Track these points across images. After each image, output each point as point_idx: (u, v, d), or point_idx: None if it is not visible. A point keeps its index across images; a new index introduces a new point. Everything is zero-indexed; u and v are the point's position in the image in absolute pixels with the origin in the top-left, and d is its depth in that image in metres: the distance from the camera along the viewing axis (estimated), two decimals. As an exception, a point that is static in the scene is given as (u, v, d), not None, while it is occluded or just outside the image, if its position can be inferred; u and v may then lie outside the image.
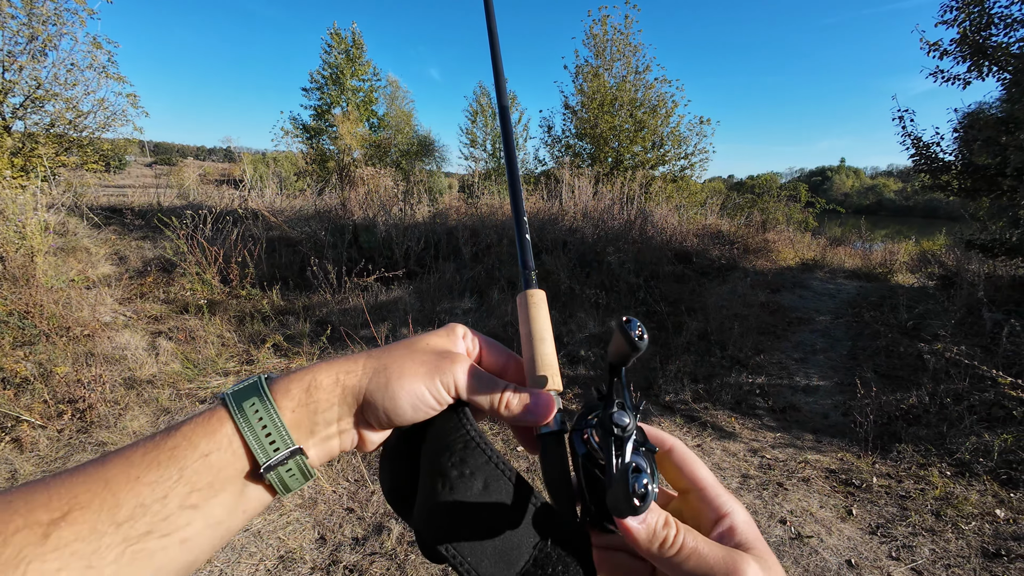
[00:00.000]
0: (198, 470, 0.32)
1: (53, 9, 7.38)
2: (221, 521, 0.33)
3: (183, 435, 0.33)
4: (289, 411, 0.35)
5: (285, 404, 0.36)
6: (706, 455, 3.00)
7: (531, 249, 0.47)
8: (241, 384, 0.37)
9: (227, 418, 0.34)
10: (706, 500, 0.36)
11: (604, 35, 12.55)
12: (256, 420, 0.34)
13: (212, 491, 0.32)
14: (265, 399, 0.35)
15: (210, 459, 0.32)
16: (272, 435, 0.34)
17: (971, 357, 3.61)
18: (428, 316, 4.84)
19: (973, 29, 5.01)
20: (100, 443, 2.64)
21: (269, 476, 0.34)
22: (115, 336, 3.77)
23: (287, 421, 0.35)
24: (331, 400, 0.37)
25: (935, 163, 5.64)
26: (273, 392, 0.36)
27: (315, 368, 0.38)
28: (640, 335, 0.32)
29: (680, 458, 0.38)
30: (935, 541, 2.31)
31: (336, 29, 15.79)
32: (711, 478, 0.37)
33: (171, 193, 10.01)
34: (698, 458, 0.38)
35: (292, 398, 0.36)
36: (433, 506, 0.35)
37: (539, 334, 0.42)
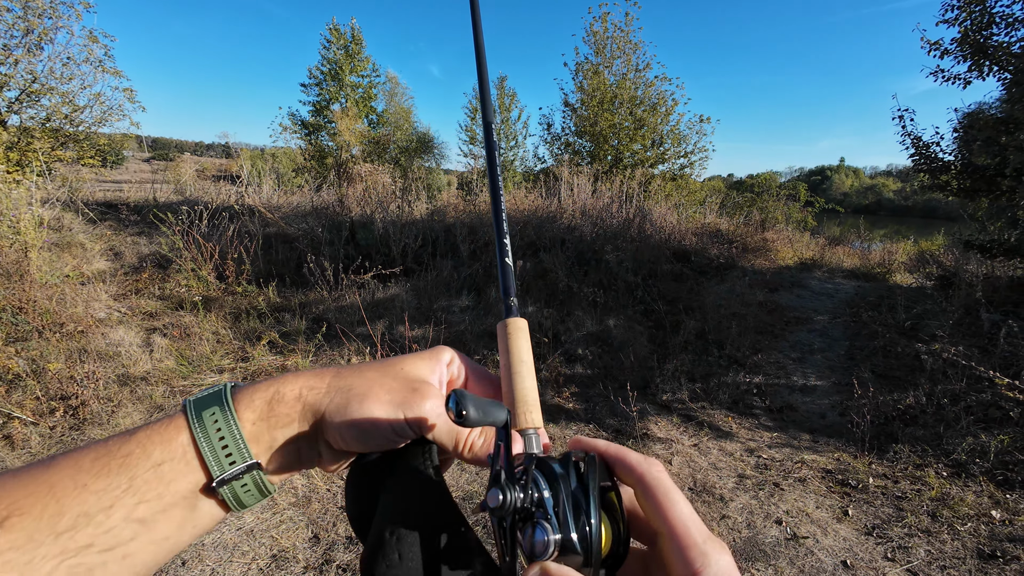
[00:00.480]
0: (148, 480, 0.30)
1: (49, 2, 7.31)
2: (168, 536, 0.31)
3: (137, 442, 0.31)
4: (250, 423, 0.34)
5: (246, 416, 0.34)
6: (703, 455, 2.99)
7: (513, 275, 0.45)
8: (205, 392, 0.35)
9: (184, 427, 0.32)
10: (676, 550, 0.29)
11: (604, 32, 12.49)
12: (214, 431, 0.32)
13: (161, 504, 0.30)
14: (226, 409, 0.33)
15: (162, 469, 0.30)
16: (229, 447, 0.32)
17: (968, 358, 3.60)
18: (425, 314, 4.82)
19: (974, 28, 4.98)
20: (92, 440, 2.61)
21: (223, 491, 0.32)
22: (109, 332, 3.75)
23: (247, 434, 0.33)
24: (292, 416, 0.35)
25: (934, 163, 5.62)
26: (236, 402, 0.34)
27: (281, 380, 0.37)
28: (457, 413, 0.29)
29: (649, 491, 0.31)
30: (931, 542, 2.30)
31: (335, 25, 15.70)
32: (685, 520, 0.30)
33: (167, 189, 9.96)
34: (673, 490, 0.31)
35: (254, 410, 0.34)
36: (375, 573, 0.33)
37: (516, 367, 0.40)
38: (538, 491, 0.31)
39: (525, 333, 0.42)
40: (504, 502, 0.30)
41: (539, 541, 0.29)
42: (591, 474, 0.32)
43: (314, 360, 3.74)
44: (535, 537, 0.29)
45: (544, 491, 0.31)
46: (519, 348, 0.41)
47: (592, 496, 0.31)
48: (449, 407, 0.30)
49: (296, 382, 0.36)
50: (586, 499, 0.31)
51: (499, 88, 17.62)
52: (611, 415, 3.38)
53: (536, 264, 5.86)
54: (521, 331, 0.42)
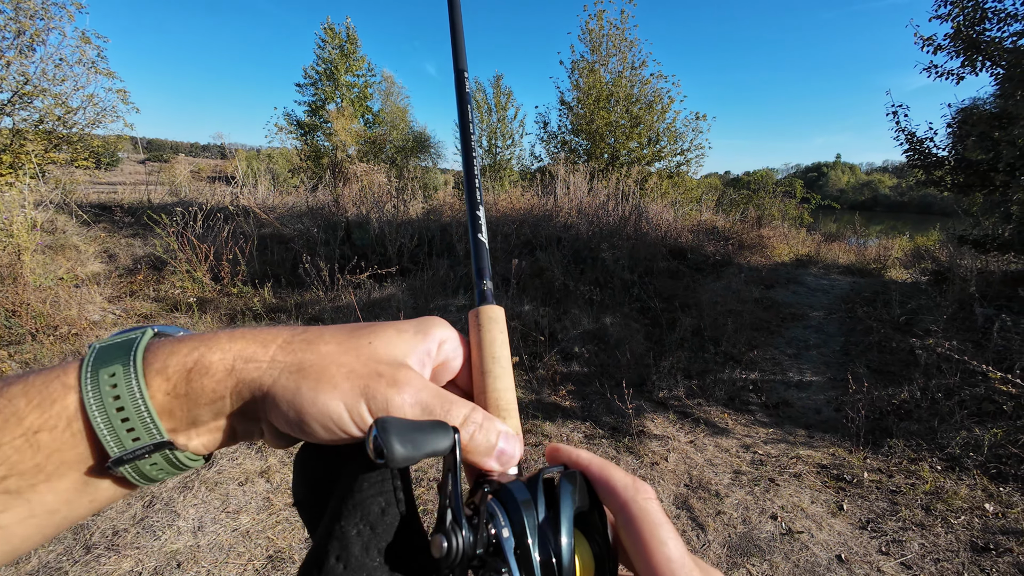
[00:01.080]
0: (20, 448, 0.24)
1: (40, 3, 7.26)
2: (55, 510, 0.25)
3: (8, 397, 0.24)
4: (161, 394, 0.26)
5: (157, 384, 0.26)
6: (699, 451, 3.00)
7: (488, 255, 0.38)
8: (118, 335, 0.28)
9: (74, 387, 0.25)
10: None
11: (600, 30, 12.48)
12: (111, 399, 0.25)
13: (40, 476, 0.24)
14: (131, 371, 0.26)
15: (39, 438, 0.24)
16: (131, 420, 0.25)
17: (962, 352, 3.62)
18: (421, 313, 4.81)
19: (967, 24, 5.00)
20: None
21: (123, 469, 0.26)
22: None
23: (157, 406, 0.26)
24: (219, 392, 0.27)
25: (928, 158, 5.65)
26: (147, 362, 0.26)
27: (208, 341, 0.28)
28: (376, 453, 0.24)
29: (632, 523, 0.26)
30: (924, 535, 2.32)
31: (330, 24, 15.64)
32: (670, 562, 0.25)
33: (162, 190, 9.92)
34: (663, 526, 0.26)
35: (168, 378, 0.27)
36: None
37: (488, 365, 0.34)
38: (496, 528, 0.26)
39: (500, 323, 0.36)
40: (449, 551, 0.24)
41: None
42: (565, 495, 0.26)
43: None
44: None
45: (503, 528, 0.26)
46: (492, 341, 0.34)
47: (564, 526, 0.25)
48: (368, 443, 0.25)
49: (229, 348, 0.28)
50: (556, 531, 0.25)
51: (495, 87, 17.58)
52: (608, 413, 3.39)
53: (532, 262, 5.86)
54: (495, 321, 0.35)
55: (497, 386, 0.33)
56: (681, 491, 2.60)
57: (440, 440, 0.26)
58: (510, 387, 0.34)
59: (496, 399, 0.33)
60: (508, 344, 0.36)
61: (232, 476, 2.42)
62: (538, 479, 0.28)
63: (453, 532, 0.25)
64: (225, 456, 2.54)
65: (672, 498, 2.55)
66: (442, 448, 0.26)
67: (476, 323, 0.36)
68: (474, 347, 0.35)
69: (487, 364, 0.34)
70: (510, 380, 0.34)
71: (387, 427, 0.25)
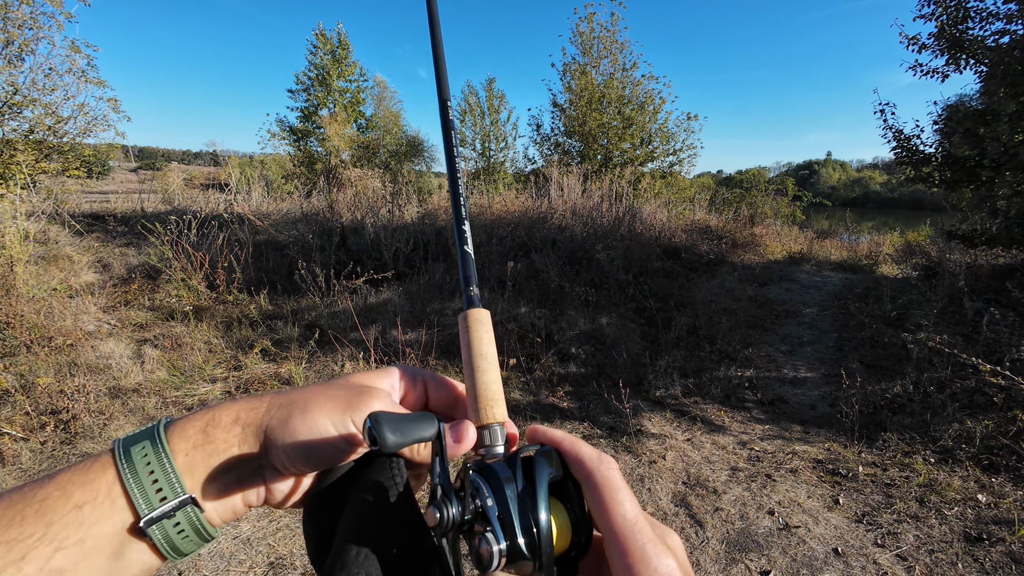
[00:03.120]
0: (68, 524, 0.27)
1: (29, 13, 7.22)
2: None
3: (57, 484, 0.28)
4: (183, 454, 0.31)
5: (179, 447, 0.31)
6: (696, 449, 3.03)
7: (473, 264, 0.43)
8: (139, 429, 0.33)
9: (111, 464, 0.29)
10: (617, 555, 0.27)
11: (591, 32, 12.57)
12: (143, 465, 0.29)
13: (82, 552, 0.27)
14: (157, 442, 0.30)
15: (83, 511, 0.27)
16: (160, 481, 0.29)
17: (953, 346, 3.67)
18: (418, 317, 4.82)
19: (950, 23, 5.09)
20: (85, 454, 2.59)
21: (152, 532, 0.29)
22: (99, 345, 3.72)
23: (180, 465, 0.30)
24: (229, 441, 0.32)
25: (916, 155, 5.73)
26: (169, 434, 0.31)
27: (216, 406, 0.34)
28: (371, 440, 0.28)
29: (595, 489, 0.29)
30: (919, 527, 2.35)
31: (321, 30, 15.66)
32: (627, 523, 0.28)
33: (155, 198, 9.87)
34: (621, 490, 0.29)
35: (187, 439, 0.31)
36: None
37: (477, 361, 0.38)
38: (480, 499, 0.29)
39: (487, 324, 0.40)
40: (442, 519, 0.28)
41: (484, 551, 0.28)
42: (540, 468, 0.30)
43: (308, 366, 3.74)
44: (480, 547, 0.28)
45: (487, 499, 0.29)
46: (480, 340, 0.39)
47: (540, 495, 0.29)
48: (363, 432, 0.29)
49: (233, 406, 0.33)
50: (533, 498, 0.29)
51: (488, 90, 17.65)
52: (605, 412, 3.41)
53: (528, 265, 5.88)
54: (481, 323, 0.40)
55: (486, 379, 0.38)
56: (679, 489, 2.62)
57: (426, 428, 0.31)
58: (497, 380, 0.38)
59: (484, 391, 0.37)
60: (494, 342, 0.40)
61: (232, 484, 2.42)
62: (516, 457, 0.32)
63: (444, 504, 0.29)
64: (224, 464, 2.55)
65: (670, 496, 2.57)
66: (428, 435, 0.31)
67: (465, 325, 0.40)
68: (463, 345, 0.40)
69: (476, 360, 0.38)
70: (497, 374, 0.38)
71: (379, 419, 0.29)
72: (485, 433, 0.36)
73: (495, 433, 0.36)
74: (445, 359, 4.05)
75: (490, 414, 0.36)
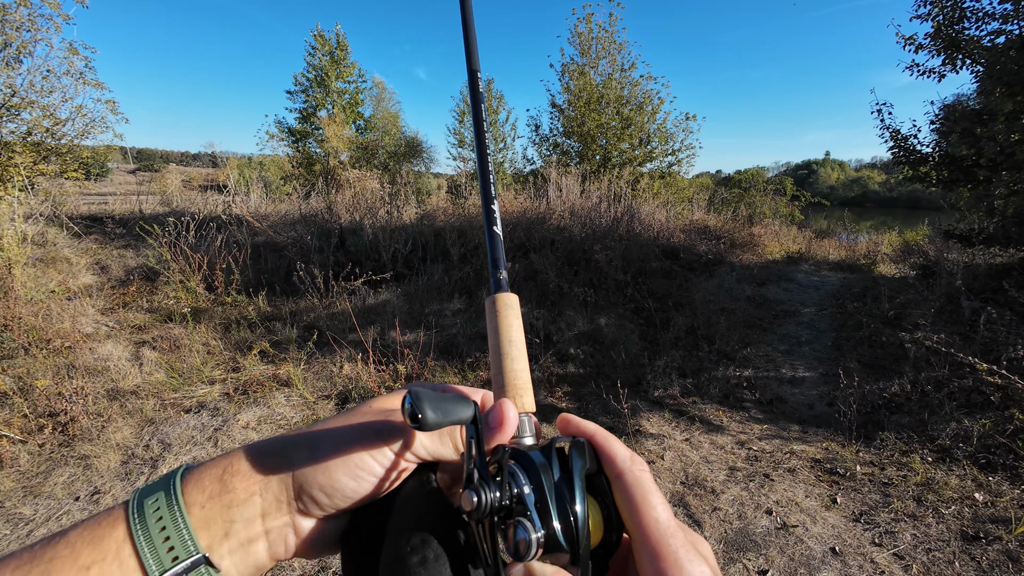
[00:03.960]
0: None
1: (27, 15, 7.21)
2: None
3: (67, 542, 0.27)
4: (199, 507, 0.29)
5: (195, 499, 0.29)
6: (694, 449, 3.03)
7: (502, 246, 0.41)
8: (158, 478, 0.31)
9: (122, 519, 0.28)
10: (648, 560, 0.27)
11: (589, 33, 12.58)
12: (155, 521, 0.27)
13: None
14: (171, 493, 0.28)
15: (90, 574, 0.26)
16: (171, 539, 0.27)
17: (950, 345, 3.68)
18: (417, 318, 4.83)
19: (946, 23, 5.10)
20: (83, 456, 2.60)
21: None
22: (97, 347, 3.72)
23: (195, 520, 0.28)
24: (251, 489, 0.29)
25: (913, 155, 5.75)
26: (184, 485, 0.29)
27: (235, 451, 0.31)
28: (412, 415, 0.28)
29: (626, 491, 0.29)
30: (916, 526, 2.36)
31: (320, 31, 15.65)
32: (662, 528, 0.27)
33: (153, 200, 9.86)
34: (654, 493, 0.29)
35: (203, 490, 0.29)
36: None
37: (506, 348, 0.37)
38: (517, 487, 0.29)
39: (516, 310, 0.39)
40: (479, 503, 0.28)
41: (521, 540, 0.27)
42: (576, 461, 0.30)
43: (306, 367, 3.74)
44: (516, 536, 0.27)
45: (524, 486, 0.29)
46: (509, 326, 0.38)
47: (577, 486, 0.29)
48: (404, 409, 0.28)
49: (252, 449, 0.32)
50: (571, 490, 0.29)
51: (487, 91, 17.66)
52: (604, 413, 3.41)
53: (527, 265, 5.89)
54: (511, 308, 0.38)
55: (514, 367, 0.36)
56: (678, 488, 2.63)
57: (463, 410, 0.30)
58: (525, 368, 0.37)
59: (513, 379, 0.36)
60: (523, 328, 0.39)
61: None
62: (551, 447, 0.31)
63: (481, 488, 0.28)
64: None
65: (668, 496, 2.57)
66: (466, 417, 0.30)
67: (493, 309, 0.39)
68: (491, 332, 0.38)
69: (504, 347, 0.37)
70: (525, 361, 0.37)
71: (420, 395, 0.28)
72: None
73: (523, 425, 0.34)
74: (444, 360, 4.05)
75: (519, 403, 0.35)
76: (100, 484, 2.41)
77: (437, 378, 3.68)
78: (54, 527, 2.12)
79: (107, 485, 2.40)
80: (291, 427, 2.96)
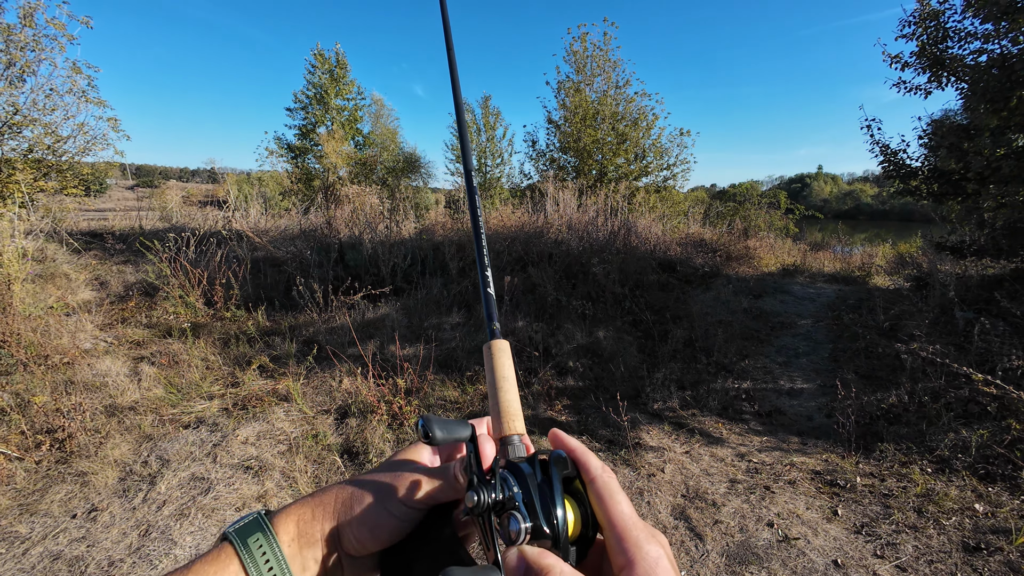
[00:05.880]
0: None
1: (32, 35, 7.34)
2: None
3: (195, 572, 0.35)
4: (286, 545, 0.38)
5: (284, 538, 0.39)
6: (695, 461, 3.03)
7: (495, 303, 0.52)
8: (242, 520, 0.40)
9: (233, 555, 0.36)
10: (615, 541, 0.34)
11: (584, 52, 12.85)
12: (260, 555, 0.37)
13: None
14: (268, 534, 0.38)
15: None
16: (274, 570, 0.37)
17: (945, 356, 3.71)
18: (416, 332, 4.83)
19: (930, 42, 5.26)
20: (80, 473, 2.58)
21: None
22: (96, 363, 3.70)
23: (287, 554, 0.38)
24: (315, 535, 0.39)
25: (903, 169, 5.86)
26: (274, 526, 0.39)
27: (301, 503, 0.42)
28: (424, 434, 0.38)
29: (598, 492, 0.37)
30: (918, 538, 2.35)
31: (320, 50, 15.93)
32: (623, 517, 0.34)
33: (153, 216, 9.90)
34: (618, 492, 0.37)
35: (288, 532, 0.39)
36: None
37: (500, 383, 0.46)
38: (508, 489, 0.37)
39: (507, 353, 0.49)
40: (478, 501, 0.35)
41: (513, 529, 0.34)
42: (554, 468, 0.38)
43: (305, 383, 3.73)
44: (510, 526, 0.35)
45: (514, 488, 0.37)
46: (502, 365, 0.47)
47: (556, 488, 0.36)
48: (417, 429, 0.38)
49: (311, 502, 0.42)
50: (551, 490, 0.36)
51: (484, 107, 17.92)
52: (603, 426, 3.41)
53: (524, 279, 5.92)
54: (503, 351, 0.48)
55: (507, 398, 0.45)
56: (678, 502, 2.62)
57: (463, 431, 0.41)
58: (516, 398, 0.46)
59: (507, 407, 0.45)
60: (513, 367, 0.49)
61: (228, 502, 2.40)
62: (535, 457, 0.40)
63: (480, 490, 0.36)
64: (221, 482, 2.53)
65: (669, 509, 2.57)
66: (465, 435, 0.41)
67: (489, 353, 0.49)
68: (488, 370, 0.48)
69: (499, 382, 0.46)
70: (516, 393, 0.46)
71: (429, 419, 0.39)
72: (508, 440, 0.43)
73: (515, 444, 0.42)
74: (443, 373, 4.05)
75: (511, 427, 0.43)
76: (98, 501, 2.39)
77: (436, 392, 3.68)
78: (51, 546, 2.10)
79: (104, 502, 2.38)
80: (290, 442, 2.95)
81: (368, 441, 2.96)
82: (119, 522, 2.24)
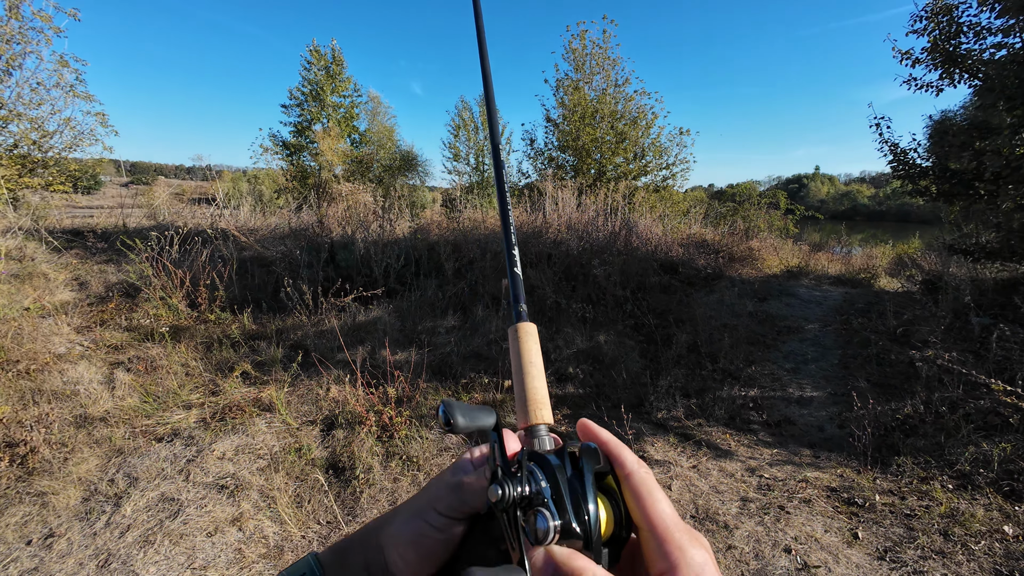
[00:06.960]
0: None
1: (17, 28, 7.12)
2: None
3: None
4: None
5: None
6: (703, 477, 2.85)
7: (522, 284, 0.49)
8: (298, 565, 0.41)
9: None
10: (656, 545, 0.30)
11: (583, 49, 12.66)
12: None
13: None
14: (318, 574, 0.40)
15: None
16: None
17: (963, 364, 3.55)
18: (409, 336, 4.64)
19: (943, 38, 5.09)
20: (40, 492, 2.37)
21: None
22: (68, 369, 3.49)
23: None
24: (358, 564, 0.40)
25: (912, 169, 5.69)
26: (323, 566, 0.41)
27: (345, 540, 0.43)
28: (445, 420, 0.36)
29: (634, 489, 0.33)
30: (946, 564, 2.18)
31: (316, 46, 15.68)
32: (665, 517, 0.31)
33: (139, 213, 9.67)
34: (657, 490, 0.33)
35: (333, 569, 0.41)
36: None
37: (527, 368, 0.42)
38: (535, 483, 0.33)
39: (534, 336, 0.45)
40: (503, 495, 0.32)
41: (540, 528, 0.31)
42: (585, 462, 0.34)
43: (290, 391, 3.53)
44: (536, 524, 0.31)
45: (541, 482, 0.33)
46: (528, 350, 0.44)
47: (587, 483, 0.33)
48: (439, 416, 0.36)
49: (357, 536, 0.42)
50: (582, 486, 0.33)
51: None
52: (605, 438, 3.23)
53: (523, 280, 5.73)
54: (530, 335, 0.45)
55: (534, 384, 0.42)
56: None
57: (487, 418, 0.38)
58: (543, 385, 0.42)
59: (533, 395, 0.41)
60: (540, 352, 0.45)
61: (199, 526, 2.20)
62: (564, 450, 0.36)
63: (505, 483, 0.33)
64: (192, 503, 2.33)
65: (678, 532, 2.38)
66: (489, 423, 0.38)
67: (515, 336, 0.45)
68: (513, 355, 0.44)
69: (526, 367, 0.43)
70: (543, 380, 0.43)
71: (451, 405, 0.37)
72: (534, 430, 0.39)
73: (541, 434, 0.39)
74: (436, 381, 3.86)
75: (538, 415, 0.40)
76: (56, 525, 2.18)
77: (429, 401, 3.48)
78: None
79: (63, 527, 2.18)
80: (271, 457, 2.75)
81: (355, 455, 2.77)
82: (76, 550, 2.04)
